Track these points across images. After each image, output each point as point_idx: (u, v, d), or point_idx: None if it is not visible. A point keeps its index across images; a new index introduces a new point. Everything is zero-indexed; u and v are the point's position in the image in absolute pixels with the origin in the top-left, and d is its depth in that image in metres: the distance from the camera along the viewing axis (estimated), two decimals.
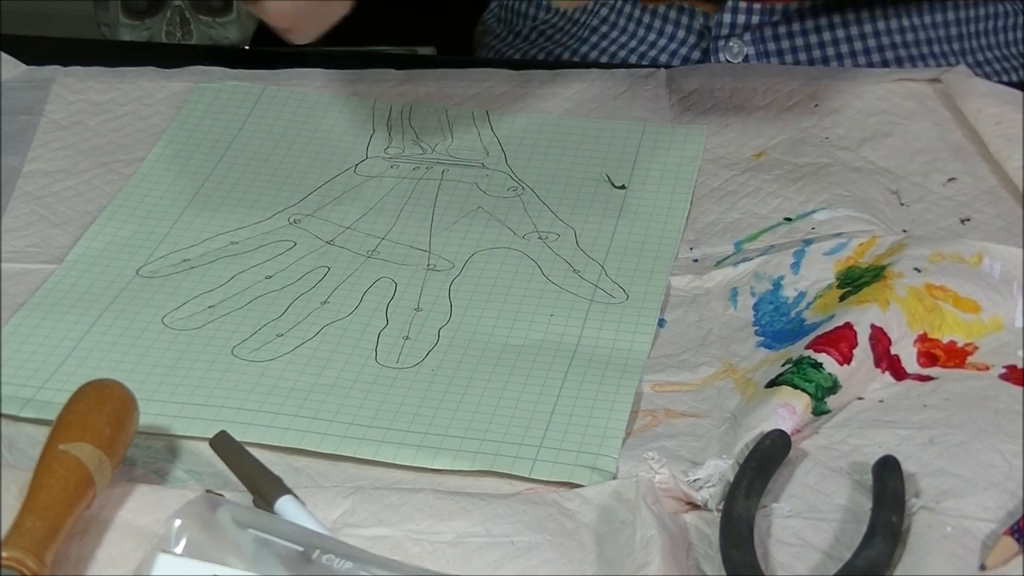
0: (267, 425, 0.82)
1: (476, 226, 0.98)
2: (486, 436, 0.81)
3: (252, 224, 0.98)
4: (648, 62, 1.25)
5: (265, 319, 0.90)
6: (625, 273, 0.94)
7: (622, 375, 0.85)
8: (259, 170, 1.04)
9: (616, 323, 0.90)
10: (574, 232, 0.98)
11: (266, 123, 1.08)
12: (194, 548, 0.69)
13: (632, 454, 0.80)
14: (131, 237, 0.97)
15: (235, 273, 0.94)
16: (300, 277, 0.94)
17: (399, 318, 0.90)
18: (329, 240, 0.97)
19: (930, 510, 0.75)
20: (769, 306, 0.91)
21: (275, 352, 0.87)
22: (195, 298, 0.92)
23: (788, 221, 0.97)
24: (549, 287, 0.93)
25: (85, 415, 0.75)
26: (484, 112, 1.10)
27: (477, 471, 0.79)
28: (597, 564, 0.74)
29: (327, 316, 0.90)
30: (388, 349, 0.88)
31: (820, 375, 0.83)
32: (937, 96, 1.08)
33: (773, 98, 1.10)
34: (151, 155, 1.05)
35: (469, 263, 0.95)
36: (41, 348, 0.87)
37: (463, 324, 0.90)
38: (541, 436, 0.81)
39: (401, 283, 0.93)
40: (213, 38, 1.74)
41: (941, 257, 0.91)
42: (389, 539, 0.74)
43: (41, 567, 0.68)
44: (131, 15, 1.79)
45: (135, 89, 1.12)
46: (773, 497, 0.77)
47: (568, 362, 0.87)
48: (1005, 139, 1.01)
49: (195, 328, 0.89)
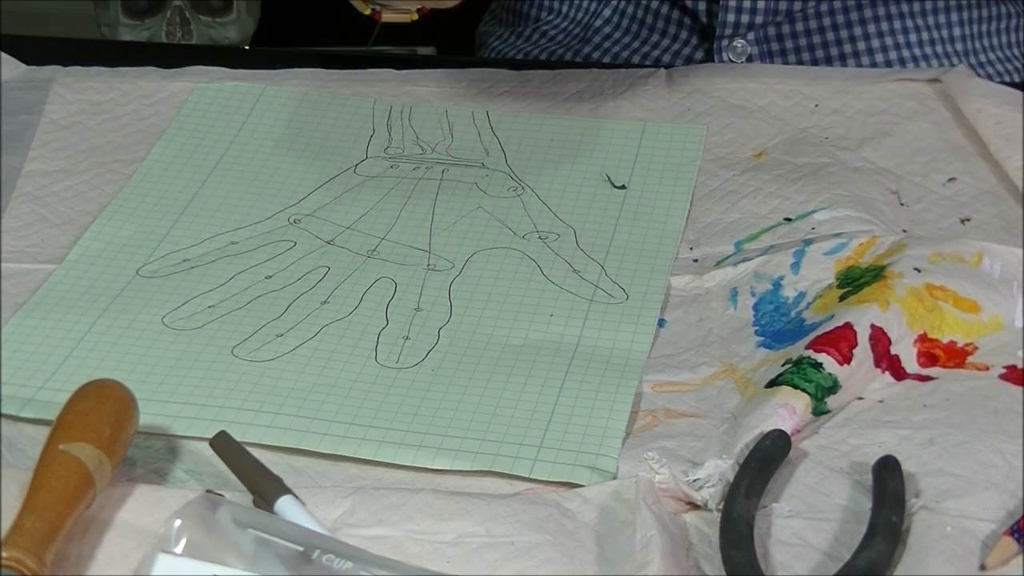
0: (267, 425, 0.82)
1: (476, 226, 0.98)
2: (486, 436, 0.81)
3: (252, 224, 0.98)
4: (651, 62, 1.26)
5: (265, 319, 0.90)
6: (625, 273, 0.94)
7: (622, 375, 0.85)
8: (259, 170, 1.04)
9: (616, 323, 0.90)
10: (574, 232, 0.98)
11: (266, 123, 1.08)
12: (194, 548, 0.69)
13: (632, 454, 0.80)
14: (131, 237, 0.97)
15: (235, 273, 0.94)
16: (300, 277, 0.94)
17: (399, 318, 0.90)
18: (329, 240, 0.97)
19: (930, 510, 0.75)
20: (769, 306, 0.91)
21: (275, 352, 0.87)
22: (195, 298, 0.92)
23: (788, 221, 0.97)
24: (549, 287, 0.93)
25: (85, 415, 0.75)
26: (484, 112, 1.10)
27: (477, 471, 0.79)
28: (597, 564, 0.74)
29: (327, 316, 0.90)
30: (388, 349, 0.88)
31: (820, 375, 0.83)
32: (937, 96, 1.08)
33: (773, 98, 1.10)
34: (151, 155, 1.05)
35: (469, 263, 0.95)
36: (41, 348, 0.87)
37: (463, 324, 0.90)
38: (541, 436, 0.81)
39: (401, 283, 0.93)
40: (213, 38, 1.74)
41: (941, 257, 0.91)
42: (389, 539, 0.74)
43: (41, 567, 0.68)
44: (131, 15, 1.79)
45: (135, 89, 1.12)
46: (773, 497, 0.77)
47: (568, 362, 0.87)
48: (1005, 139, 1.01)
49: (195, 328, 0.89)
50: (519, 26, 1.34)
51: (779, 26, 1.23)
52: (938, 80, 1.09)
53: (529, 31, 1.33)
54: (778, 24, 1.23)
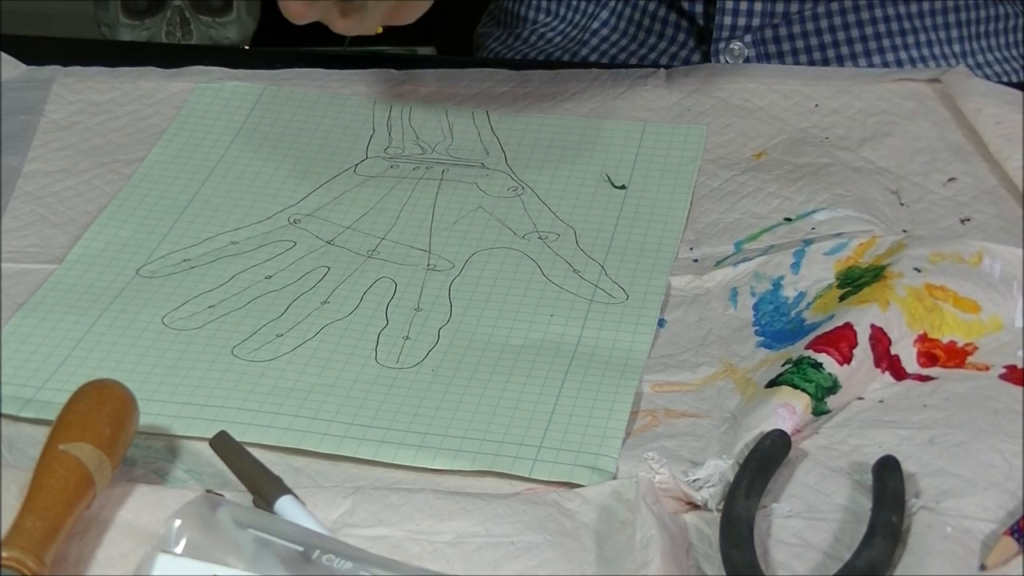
0: (267, 425, 0.82)
1: (476, 226, 0.98)
2: (486, 436, 0.81)
3: (252, 224, 0.98)
4: (648, 65, 1.25)
5: (265, 319, 0.90)
6: (625, 273, 0.94)
7: (622, 375, 0.85)
8: (259, 170, 1.04)
9: (616, 323, 0.90)
10: (574, 232, 0.98)
11: (266, 123, 1.08)
12: (194, 548, 0.69)
13: (632, 454, 0.80)
14: (131, 237, 0.97)
15: (235, 273, 0.94)
16: (300, 277, 0.94)
17: (399, 318, 0.90)
18: (329, 240, 0.97)
19: (930, 510, 0.75)
20: (769, 306, 0.91)
21: (275, 352, 0.87)
22: (195, 298, 0.92)
23: (788, 221, 0.97)
24: (549, 287, 0.93)
25: (85, 415, 0.75)
26: (484, 112, 1.10)
27: (477, 471, 0.79)
28: (597, 564, 0.74)
29: (327, 316, 0.90)
30: (388, 349, 0.88)
31: (820, 375, 0.83)
32: (937, 96, 1.08)
33: (773, 98, 1.10)
34: (151, 155, 1.05)
35: (469, 263, 0.95)
36: (41, 348, 0.87)
37: (463, 324, 0.90)
38: (541, 436, 0.81)
39: (401, 283, 0.93)
40: (213, 38, 1.74)
41: (941, 257, 0.91)
42: (389, 539, 0.74)
43: (41, 567, 0.68)
44: (131, 15, 1.79)
45: (135, 89, 1.12)
46: (773, 497, 0.77)
47: (568, 362, 0.87)
48: (1005, 139, 1.01)
49: (195, 328, 0.89)
50: (516, 28, 1.34)
51: (776, 28, 1.23)
52: (938, 80, 1.09)
53: (527, 33, 1.33)
54: (775, 26, 1.23)
